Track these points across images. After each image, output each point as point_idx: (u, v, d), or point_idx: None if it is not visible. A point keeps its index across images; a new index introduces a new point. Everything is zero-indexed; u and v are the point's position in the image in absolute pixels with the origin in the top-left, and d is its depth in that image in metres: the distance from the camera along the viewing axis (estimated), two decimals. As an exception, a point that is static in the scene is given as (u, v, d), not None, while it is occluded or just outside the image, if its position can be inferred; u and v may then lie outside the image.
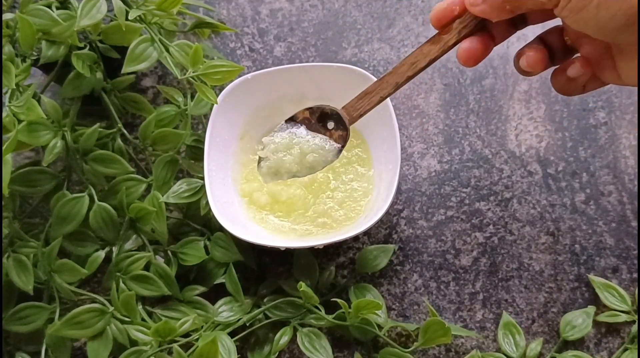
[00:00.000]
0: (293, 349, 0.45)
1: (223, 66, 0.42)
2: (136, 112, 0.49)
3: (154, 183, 0.45)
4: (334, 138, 0.41)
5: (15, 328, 0.42)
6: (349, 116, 0.40)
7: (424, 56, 0.37)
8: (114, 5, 0.42)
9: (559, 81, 0.38)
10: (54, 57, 0.43)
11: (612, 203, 0.48)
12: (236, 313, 0.43)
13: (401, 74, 0.38)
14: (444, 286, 0.47)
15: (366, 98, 0.39)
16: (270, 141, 0.42)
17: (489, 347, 0.45)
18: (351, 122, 0.40)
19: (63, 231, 0.43)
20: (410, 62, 0.38)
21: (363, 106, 0.39)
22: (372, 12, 0.56)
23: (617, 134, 0.50)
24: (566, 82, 0.38)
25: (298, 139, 0.41)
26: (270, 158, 0.42)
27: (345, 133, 0.40)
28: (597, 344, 0.45)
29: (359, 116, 0.40)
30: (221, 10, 0.56)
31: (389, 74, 0.38)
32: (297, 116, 0.41)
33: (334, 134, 0.41)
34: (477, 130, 0.51)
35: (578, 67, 0.37)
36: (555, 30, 0.38)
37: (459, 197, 0.49)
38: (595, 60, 0.36)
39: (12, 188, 0.43)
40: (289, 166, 0.41)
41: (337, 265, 0.47)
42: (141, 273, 0.43)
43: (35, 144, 0.41)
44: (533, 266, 0.47)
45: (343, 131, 0.40)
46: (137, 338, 0.40)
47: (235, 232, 0.41)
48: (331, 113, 0.40)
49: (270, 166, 0.42)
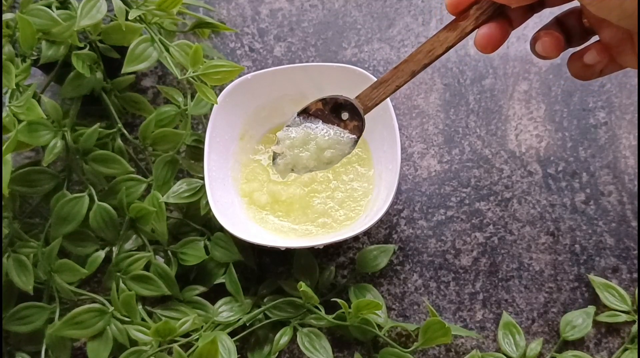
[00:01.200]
0: (293, 349, 0.45)
1: (223, 66, 0.42)
2: (136, 112, 0.49)
3: (154, 183, 0.45)
4: (349, 129, 0.39)
5: (15, 328, 0.42)
6: (363, 105, 0.39)
7: (441, 43, 0.36)
8: (114, 5, 0.42)
9: (575, 67, 0.37)
10: (54, 57, 0.43)
11: (612, 203, 0.48)
12: (236, 313, 0.43)
13: (417, 61, 0.37)
14: (444, 286, 0.47)
15: (381, 87, 0.38)
16: (286, 136, 0.40)
17: (489, 347, 0.45)
18: (366, 111, 0.39)
19: (63, 231, 0.43)
20: (427, 49, 0.37)
21: (378, 95, 0.38)
22: (372, 12, 0.56)
23: (617, 134, 0.50)
24: (582, 68, 0.37)
25: (315, 133, 0.40)
26: (286, 154, 0.40)
27: (360, 123, 0.39)
28: (597, 344, 0.45)
29: (374, 105, 0.39)
30: (221, 10, 0.56)
31: (405, 62, 0.37)
32: (309, 107, 0.40)
33: (349, 124, 0.39)
34: (477, 130, 0.51)
35: (594, 54, 0.36)
36: (574, 12, 0.37)
37: (459, 197, 0.49)
38: (614, 44, 0.35)
39: (12, 188, 0.43)
40: (306, 162, 0.40)
41: (337, 265, 0.47)
42: (141, 273, 0.43)
43: (35, 144, 0.41)
44: (533, 266, 0.47)
45: (358, 121, 0.39)
46: (137, 338, 0.40)
47: (235, 232, 0.41)
48: (345, 103, 0.39)
49: (287, 162, 0.41)
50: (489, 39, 0.35)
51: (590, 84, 0.51)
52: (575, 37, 0.37)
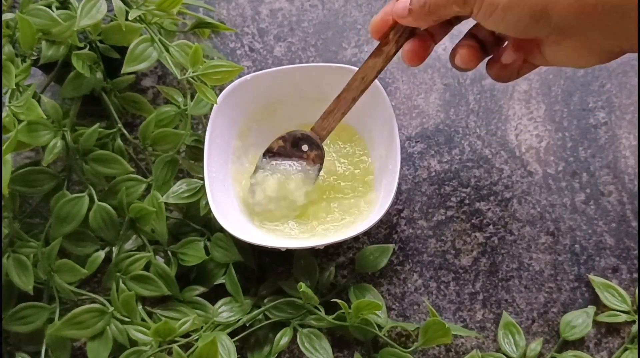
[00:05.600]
0: (293, 349, 0.45)
1: (223, 66, 0.42)
2: (136, 112, 0.49)
3: (154, 183, 0.45)
4: (311, 159, 0.44)
5: (15, 328, 0.42)
6: (319, 135, 0.43)
7: (371, 69, 0.40)
8: (114, 5, 0.42)
9: (494, 70, 0.40)
10: (54, 57, 0.43)
11: (612, 203, 0.48)
12: (236, 313, 0.43)
13: (355, 88, 0.41)
14: (444, 286, 0.47)
15: (330, 116, 0.42)
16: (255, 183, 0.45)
17: (489, 347, 0.45)
18: (322, 140, 0.43)
19: (63, 231, 0.43)
20: (361, 76, 0.41)
21: (329, 124, 0.43)
22: (372, 12, 0.55)
23: (617, 134, 0.50)
24: (501, 70, 0.40)
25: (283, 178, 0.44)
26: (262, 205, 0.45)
27: (320, 151, 0.44)
28: (597, 344, 0.45)
29: (327, 134, 0.43)
30: (221, 10, 0.56)
31: (345, 91, 0.41)
32: (272, 146, 0.44)
33: (310, 155, 0.44)
34: (477, 130, 0.51)
35: (510, 53, 0.39)
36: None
37: (459, 197, 0.49)
38: (523, 46, 0.38)
39: (12, 188, 0.43)
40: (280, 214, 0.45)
41: (337, 265, 0.47)
42: (141, 273, 0.43)
43: (35, 144, 0.41)
44: (533, 266, 0.47)
45: (317, 150, 0.44)
46: (137, 338, 0.40)
47: (235, 232, 0.41)
48: (302, 137, 0.44)
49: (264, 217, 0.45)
50: (413, 54, 0.39)
51: (590, 84, 0.51)
52: (490, 45, 0.40)
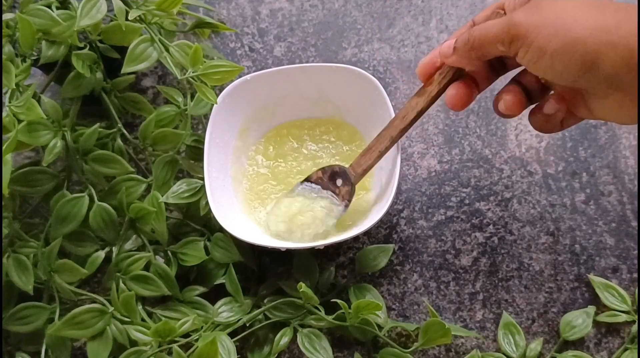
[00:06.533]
0: (293, 349, 0.45)
1: (223, 66, 0.42)
2: (136, 112, 0.49)
3: (154, 183, 0.45)
4: (342, 194, 0.44)
5: (15, 328, 0.42)
6: (355, 172, 0.43)
7: (412, 109, 0.40)
8: (114, 5, 0.42)
9: (537, 120, 0.38)
10: (54, 57, 0.43)
11: (612, 203, 0.48)
12: (236, 313, 0.43)
13: (395, 127, 0.41)
14: (444, 286, 0.47)
15: (368, 154, 0.42)
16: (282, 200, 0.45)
17: (489, 347, 0.45)
18: (356, 180, 0.43)
19: (63, 231, 0.43)
20: (402, 115, 0.41)
21: (366, 162, 0.42)
22: (372, 12, 0.55)
23: (617, 134, 0.50)
24: (544, 120, 0.38)
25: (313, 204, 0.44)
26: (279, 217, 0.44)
27: (351, 188, 0.43)
28: (597, 344, 0.45)
29: (363, 172, 0.43)
30: (221, 10, 0.56)
31: (385, 129, 0.41)
32: (311, 176, 0.44)
33: (342, 190, 0.44)
34: (477, 130, 0.51)
35: (553, 103, 0.37)
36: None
37: (459, 197, 0.49)
38: (568, 97, 0.37)
39: (12, 188, 0.43)
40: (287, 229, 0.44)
41: (337, 265, 0.47)
42: (141, 273, 0.43)
43: (35, 144, 0.41)
44: (533, 266, 0.47)
45: (349, 186, 0.43)
46: (137, 338, 0.40)
47: (235, 232, 0.41)
48: (340, 171, 0.44)
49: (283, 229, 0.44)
50: (456, 99, 0.39)
51: (590, 84, 0.51)
52: (535, 93, 0.39)
